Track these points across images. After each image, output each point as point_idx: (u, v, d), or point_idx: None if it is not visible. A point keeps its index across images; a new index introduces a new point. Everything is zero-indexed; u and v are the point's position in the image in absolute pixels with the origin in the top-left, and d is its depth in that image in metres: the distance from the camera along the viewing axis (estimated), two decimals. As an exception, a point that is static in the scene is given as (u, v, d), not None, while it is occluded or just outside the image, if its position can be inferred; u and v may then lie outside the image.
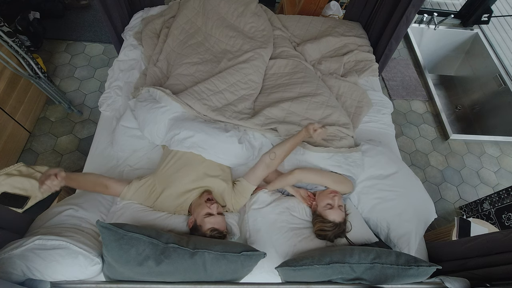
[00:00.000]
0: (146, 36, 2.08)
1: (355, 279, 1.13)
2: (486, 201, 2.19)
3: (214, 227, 1.24)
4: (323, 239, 1.36)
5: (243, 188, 1.44)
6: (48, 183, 1.14)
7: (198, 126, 1.51)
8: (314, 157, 1.54)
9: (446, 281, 1.18)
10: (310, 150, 1.54)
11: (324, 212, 1.36)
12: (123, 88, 1.86)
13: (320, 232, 1.35)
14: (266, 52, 2.04)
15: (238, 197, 1.44)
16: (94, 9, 3.08)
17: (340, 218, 1.34)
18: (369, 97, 2.03)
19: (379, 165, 1.60)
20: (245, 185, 1.43)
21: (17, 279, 1.00)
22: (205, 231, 1.24)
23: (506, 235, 1.21)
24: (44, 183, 1.14)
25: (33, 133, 2.29)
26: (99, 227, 1.02)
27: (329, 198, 1.39)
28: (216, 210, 1.28)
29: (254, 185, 1.44)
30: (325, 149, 1.55)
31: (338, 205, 1.37)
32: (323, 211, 1.36)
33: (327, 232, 1.33)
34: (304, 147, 1.57)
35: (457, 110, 3.35)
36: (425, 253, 1.56)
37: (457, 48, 3.60)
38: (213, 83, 1.77)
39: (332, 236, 1.33)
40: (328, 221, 1.33)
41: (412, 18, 2.01)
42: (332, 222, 1.32)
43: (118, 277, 1.10)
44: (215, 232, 1.24)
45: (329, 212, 1.34)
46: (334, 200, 1.37)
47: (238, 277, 1.16)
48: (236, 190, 1.44)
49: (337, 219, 1.33)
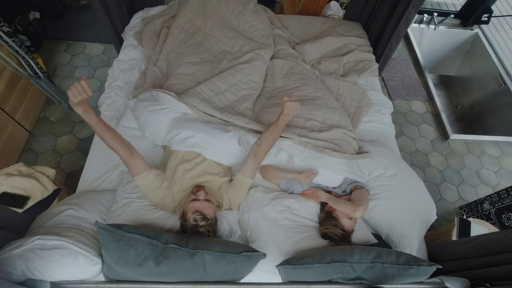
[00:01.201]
0: (146, 36, 2.08)
1: (355, 279, 1.13)
2: (486, 201, 2.19)
3: (198, 210, 1.23)
4: (327, 239, 1.38)
5: (238, 181, 1.43)
6: (78, 90, 1.07)
7: (199, 126, 1.52)
8: (330, 162, 1.53)
9: (446, 281, 1.18)
10: (329, 155, 1.54)
11: (342, 219, 1.38)
12: (123, 88, 1.86)
13: (328, 233, 1.37)
14: (266, 52, 2.04)
15: (234, 191, 1.44)
16: (94, 9, 3.08)
17: (351, 228, 1.39)
18: (369, 97, 2.03)
19: (381, 166, 1.60)
20: (240, 178, 1.43)
21: (17, 279, 1.00)
22: (190, 215, 1.23)
23: (506, 235, 1.21)
24: (74, 95, 1.08)
25: (33, 133, 2.29)
26: (97, 229, 1.01)
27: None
28: (203, 196, 1.28)
29: (249, 178, 1.42)
30: (343, 155, 1.56)
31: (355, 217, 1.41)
32: (341, 218, 1.39)
33: (335, 237, 1.35)
34: (321, 152, 1.56)
35: (457, 110, 3.35)
36: (425, 253, 1.56)
37: (457, 48, 3.60)
38: (214, 83, 1.77)
39: (337, 240, 1.36)
40: (342, 227, 1.36)
41: (412, 18, 2.01)
42: (343, 229, 1.36)
43: (117, 277, 1.10)
44: (198, 215, 1.21)
45: (345, 221, 1.37)
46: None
47: (238, 277, 1.16)
48: (232, 184, 1.45)
49: (350, 229, 1.38)
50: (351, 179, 1.56)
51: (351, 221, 1.38)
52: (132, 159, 1.28)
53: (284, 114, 1.30)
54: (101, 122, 1.20)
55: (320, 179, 1.54)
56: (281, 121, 1.33)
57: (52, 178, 1.62)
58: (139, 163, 1.31)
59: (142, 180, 1.33)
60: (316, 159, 1.55)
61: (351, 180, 1.56)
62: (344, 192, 1.57)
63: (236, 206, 1.49)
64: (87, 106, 1.14)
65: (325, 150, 1.57)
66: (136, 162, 1.30)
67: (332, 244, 1.36)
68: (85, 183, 1.56)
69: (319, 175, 1.54)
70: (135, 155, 1.30)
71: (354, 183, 1.56)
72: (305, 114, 1.75)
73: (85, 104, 1.13)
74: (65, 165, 2.20)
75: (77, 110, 1.13)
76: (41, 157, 2.21)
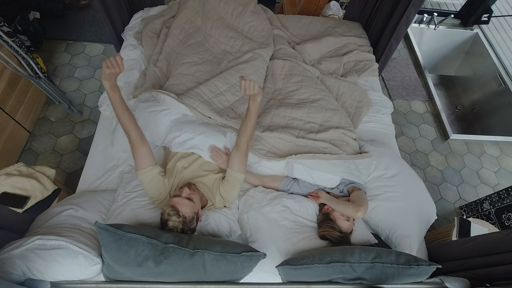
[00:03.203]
0: (146, 36, 2.08)
1: (355, 279, 1.13)
2: (486, 201, 2.19)
3: (173, 205, 1.21)
4: (326, 240, 1.38)
5: (229, 176, 1.42)
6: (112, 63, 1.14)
7: (198, 128, 1.53)
8: (324, 164, 1.53)
9: (446, 281, 1.18)
10: (321, 159, 1.53)
11: (339, 221, 1.38)
12: (123, 88, 1.86)
13: (326, 235, 1.37)
14: (266, 51, 2.04)
15: (226, 185, 1.42)
16: (94, 9, 3.08)
17: (350, 230, 1.38)
18: (369, 97, 2.03)
19: (381, 166, 1.60)
20: (229, 173, 1.42)
21: (17, 279, 1.00)
22: (165, 209, 1.21)
23: (506, 235, 1.21)
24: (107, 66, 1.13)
25: (33, 133, 2.29)
26: (97, 229, 1.01)
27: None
28: (186, 194, 1.26)
29: (238, 171, 1.41)
30: (337, 156, 1.55)
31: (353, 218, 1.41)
32: (339, 219, 1.38)
33: (333, 238, 1.35)
34: (314, 155, 1.55)
35: (457, 110, 3.35)
36: (425, 253, 1.56)
37: (457, 48, 3.60)
38: (214, 84, 1.77)
39: (336, 242, 1.36)
40: (339, 229, 1.36)
41: (412, 18, 2.01)
42: (341, 231, 1.36)
43: (117, 277, 1.10)
44: (172, 210, 1.19)
45: (343, 223, 1.37)
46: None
47: (238, 277, 1.16)
48: (224, 180, 1.44)
49: (347, 230, 1.37)
50: (348, 179, 1.55)
51: (349, 223, 1.38)
52: (141, 144, 1.31)
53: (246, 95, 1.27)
54: (123, 101, 1.25)
55: (317, 180, 1.54)
56: (251, 107, 1.30)
57: (52, 178, 1.62)
58: (146, 152, 1.33)
59: (145, 174, 1.33)
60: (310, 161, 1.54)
61: (348, 181, 1.56)
62: (342, 193, 1.56)
63: (230, 203, 1.47)
64: (115, 82, 1.21)
65: (316, 155, 1.54)
66: (143, 149, 1.32)
67: (331, 245, 1.37)
68: (85, 183, 1.56)
69: (316, 176, 1.53)
70: (145, 141, 1.33)
71: (352, 184, 1.55)
72: (305, 117, 1.75)
73: (114, 80, 1.19)
74: (65, 165, 2.20)
75: (105, 84, 1.18)
76: (41, 157, 2.21)
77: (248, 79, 1.24)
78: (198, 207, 1.29)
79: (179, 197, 1.24)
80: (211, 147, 1.49)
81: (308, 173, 1.53)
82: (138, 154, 1.31)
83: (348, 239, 1.39)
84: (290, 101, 1.85)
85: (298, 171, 1.54)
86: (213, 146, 1.50)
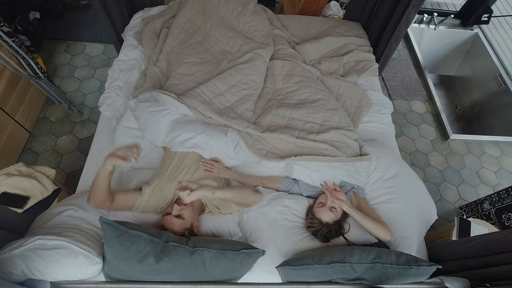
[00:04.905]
0: (146, 36, 2.08)
1: (355, 279, 1.13)
2: (486, 201, 2.19)
3: (162, 224, 1.24)
4: (315, 236, 1.36)
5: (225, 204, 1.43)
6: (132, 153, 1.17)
7: (199, 127, 1.53)
8: (323, 166, 1.51)
9: (446, 281, 1.18)
10: (321, 161, 1.53)
11: (315, 209, 1.38)
12: (123, 88, 1.86)
13: (309, 229, 1.37)
14: (266, 51, 2.04)
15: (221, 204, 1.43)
16: (94, 9, 3.08)
17: (328, 219, 1.33)
18: (369, 97, 2.03)
19: (380, 168, 1.60)
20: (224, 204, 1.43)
21: (17, 279, 1.00)
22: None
23: (506, 235, 1.21)
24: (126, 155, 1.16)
25: (33, 133, 2.29)
26: (101, 223, 1.03)
27: (323, 197, 1.41)
28: (177, 211, 1.26)
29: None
30: (336, 158, 1.55)
31: (329, 206, 1.35)
32: (314, 208, 1.39)
33: (313, 229, 1.34)
34: (314, 156, 1.54)
35: (457, 110, 3.35)
36: (425, 253, 1.56)
37: (457, 48, 3.60)
38: (214, 84, 1.77)
39: (318, 234, 1.33)
40: (315, 217, 1.35)
41: (412, 18, 2.01)
42: (318, 220, 1.33)
43: (118, 275, 1.10)
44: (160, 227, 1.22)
45: (318, 210, 1.36)
46: (327, 200, 1.37)
47: (238, 275, 1.16)
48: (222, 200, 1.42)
49: (324, 218, 1.33)
50: (348, 182, 1.54)
51: (322, 209, 1.34)
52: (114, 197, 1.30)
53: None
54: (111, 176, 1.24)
55: (317, 182, 1.53)
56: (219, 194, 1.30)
57: (52, 178, 1.62)
58: (123, 195, 1.33)
59: (141, 203, 1.34)
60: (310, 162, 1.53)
61: (348, 184, 1.54)
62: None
63: (226, 211, 1.46)
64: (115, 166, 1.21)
65: (316, 157, 1.54)
66: (120, 197, 1.32)
67: (331, 243, 1.36)
68: (85, 183, 1.56)
69: (316, 178, 1.53)
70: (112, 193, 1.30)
71: (353, 189, 1.53)
72: (305, 117, 1.75)
73: (120, 163, 1.17)
74: (65, 165, 2.20)
75: (110, 158, 1.17)
76: (41, 157, 2.21)
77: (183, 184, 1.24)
78: (191, 221, 1.29)
79: (168, 215, 1.26)
80: (199, 162, 1.48)
81: (307, 175, 1.53)
82: (121, 203, 1.32)
83: (332, 231, 1.33)
84: (290, 101, 1.85)
85: (298, 172, 1.54)
86: (201, 160, 1.49)
